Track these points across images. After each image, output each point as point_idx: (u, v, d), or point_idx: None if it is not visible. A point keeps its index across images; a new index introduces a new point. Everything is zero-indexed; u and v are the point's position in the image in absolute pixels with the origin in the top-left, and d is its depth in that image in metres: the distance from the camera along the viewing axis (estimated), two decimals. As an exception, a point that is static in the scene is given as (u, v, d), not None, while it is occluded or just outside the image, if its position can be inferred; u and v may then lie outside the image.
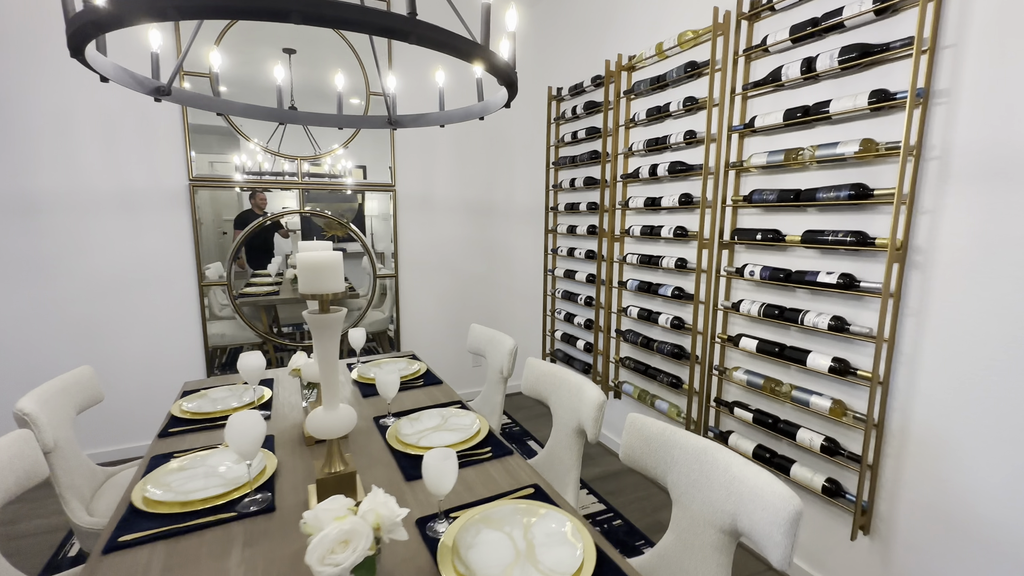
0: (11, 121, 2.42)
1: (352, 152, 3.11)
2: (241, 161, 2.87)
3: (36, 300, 2.57)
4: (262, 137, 2.90)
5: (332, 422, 1.11)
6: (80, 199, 2.57)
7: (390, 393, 1.55)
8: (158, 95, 1.33)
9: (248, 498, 1.19)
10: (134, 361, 2.78)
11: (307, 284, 1.09)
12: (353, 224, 3.20)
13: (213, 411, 1.68)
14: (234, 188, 2.88)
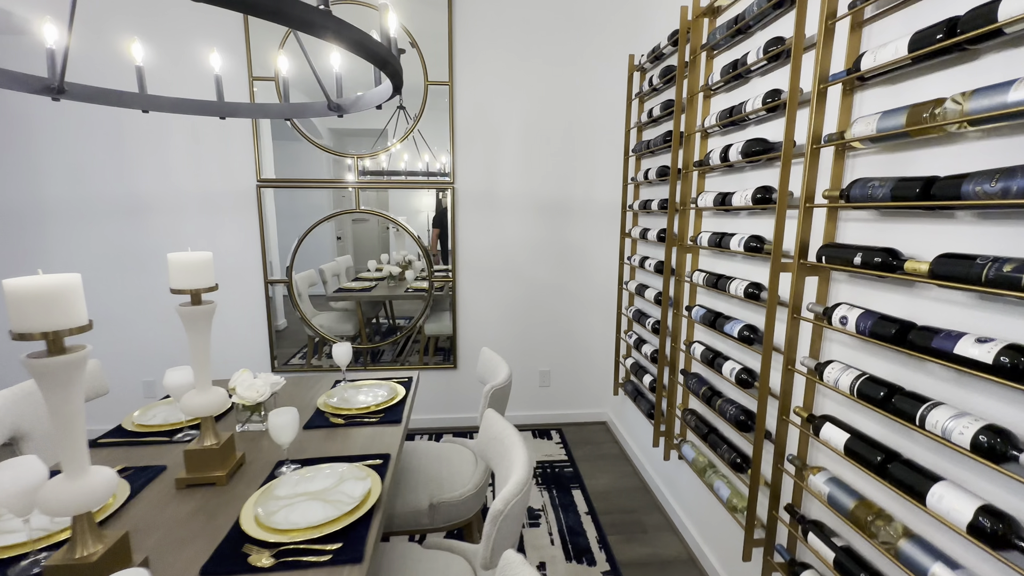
0: (122, 133, 2.78)
1: (407, 147, 2.93)
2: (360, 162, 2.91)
3: (141, 289, 2.96)
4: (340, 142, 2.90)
5: (205, 401, 1.25)
6: (172, 200, 2.86)
7: (281, 438, 1.27)
8: (54, 95, 1.25)
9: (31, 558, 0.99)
10: (212, 345, 3.04)
11: (179, 280, 1.23)
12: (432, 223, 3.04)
13: (162, 424, 1.62)
14: (309, 187, 2.94)
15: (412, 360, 3.18)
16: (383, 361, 3.18)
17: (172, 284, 1.16)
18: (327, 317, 3.27)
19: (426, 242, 3.07)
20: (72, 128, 2.78)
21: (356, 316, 3.34)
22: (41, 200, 2.83)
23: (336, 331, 3.16)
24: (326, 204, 2.99)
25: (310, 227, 2.96)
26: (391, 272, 3.33)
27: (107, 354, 3.01)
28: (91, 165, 2.80)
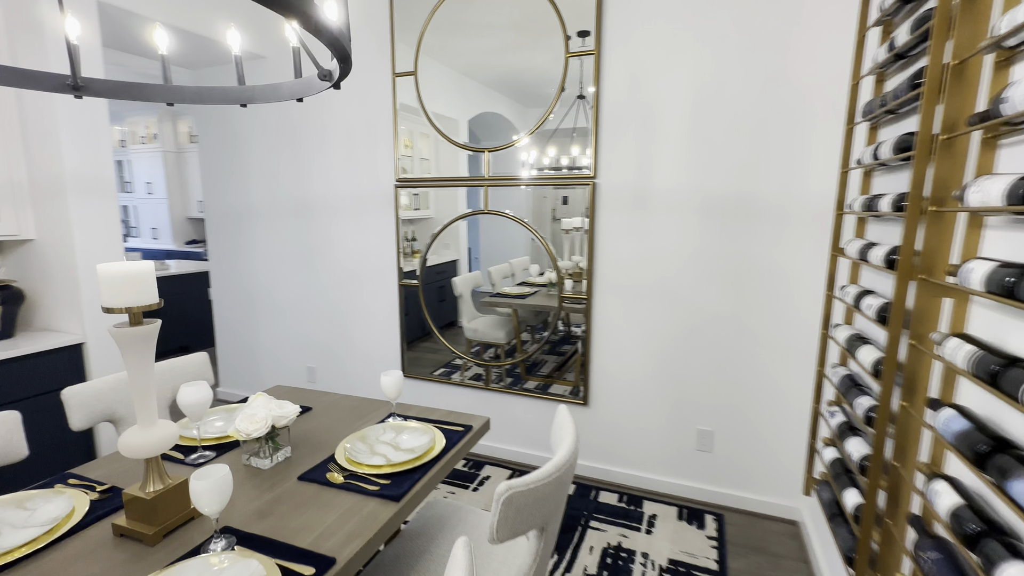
0: (298, 139, 3.04)
1: (538, 138, 2.45)
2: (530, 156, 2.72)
3: (304, 284, 3.22)
4: (458, 131, 2.66)
5: (147, 440, 1.07)
6: (331, 201, 3.02)
7: (203, 507, 0.98)
8: (74, 92, 1.20)
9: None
10: (354, 346, 3.13)
11: (113, 296, 1.00)
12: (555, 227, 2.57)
13: (204, 433, 1.55)
14: (439, 187, 2.78)
15: (560, 378, 2.72)
16: (538, 374, 2.79)
17: (104, 301, 0.98)
18: (484, 322, 3.06)
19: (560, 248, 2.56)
20: (265, 136, 3.16)
21: (511, 323, 3.05)
22: (247, 202, 3.31)
23: (489, 337, 2.90)
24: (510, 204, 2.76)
25: (440, 228, 2.76)
26: (551, 279, 2.93)
27: (280, 340, 3.38)
28: (279, 170, 3.14)
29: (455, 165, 2.69)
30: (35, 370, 2.11)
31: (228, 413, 1.70)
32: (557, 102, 2.37)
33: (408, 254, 2.92)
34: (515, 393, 2.73)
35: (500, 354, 2.84)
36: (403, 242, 2.86)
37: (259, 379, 3.52)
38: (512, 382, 2.76)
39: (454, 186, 2.71)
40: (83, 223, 2.22)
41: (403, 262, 2.89)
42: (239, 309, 3.51)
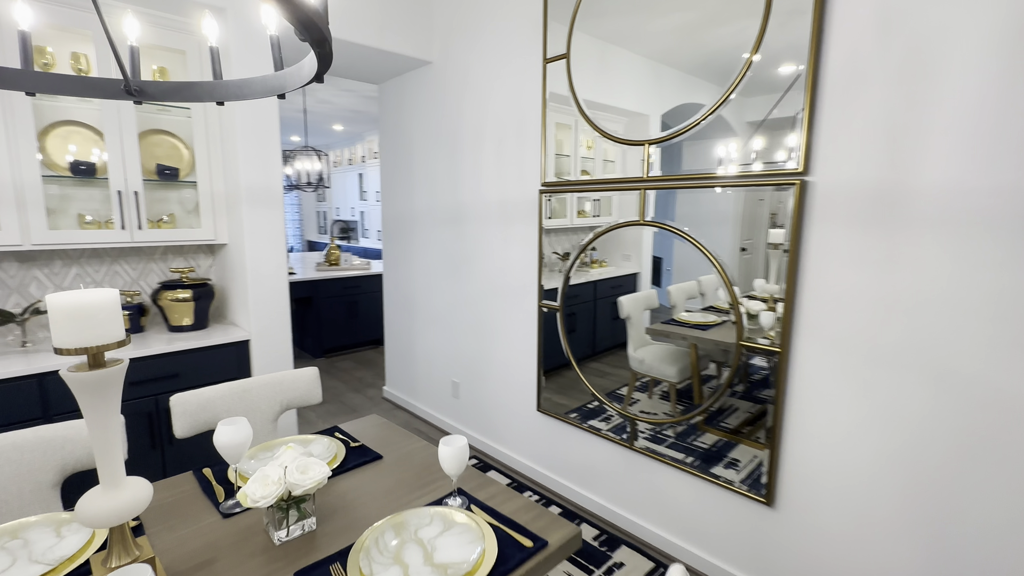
0: (456, 143, 2.90)
1: (746, 128, 1.74)
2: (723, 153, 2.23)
3: (454, 295, 3.08)
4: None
5: (112, 505, 0.88)
6: (480, 209, 2.80)
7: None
8: (134, 98, 1.12)
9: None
10: (494, 367, 2.85)
11: (68, 335, 0.81)
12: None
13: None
14: (587, 190, 2.30)
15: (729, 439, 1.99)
16: (719, 426, 2.12)
17: (55, 340, 0.80)
18: (652, 352, 2.49)
19: (734, 271, 1.81)
20: (429, 142, 3.11)
21: (689, 358, 2.41)
22: (412, 209, 3.34)
23: (657, 371, 2.31)
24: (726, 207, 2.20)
25: (588, 241, 2.26)
26: (748, 310, 2.20)
27: (432, 349, 3.32)
28: (438, 176, 3.07)
29: (640, 164, 2.15)
30: (214, 360, 2.36)
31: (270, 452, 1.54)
32: (746, 73, 1.64)
33: (587, 263, 2.48)
34: (665, 462, 2.07)
35: (671, 393, 2.19)
36: (551, 255, 2.45)
37: (415, 386, 3.55)
38: (682, 433, 2.10)
39: (607, 190, 2.18)
40: (253, 230, 2.40)
41: (550, 277, 2.48)
42: (402, 313, 3.59)
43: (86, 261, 2.42)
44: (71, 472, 1.40)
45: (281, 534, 1.09)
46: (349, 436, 1.60)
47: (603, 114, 2.14)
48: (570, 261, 2.35)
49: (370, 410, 3.63)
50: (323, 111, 6.84)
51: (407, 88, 3.24)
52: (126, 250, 2.52)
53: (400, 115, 3.35)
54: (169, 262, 2.65)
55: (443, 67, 2.93)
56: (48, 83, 1.06)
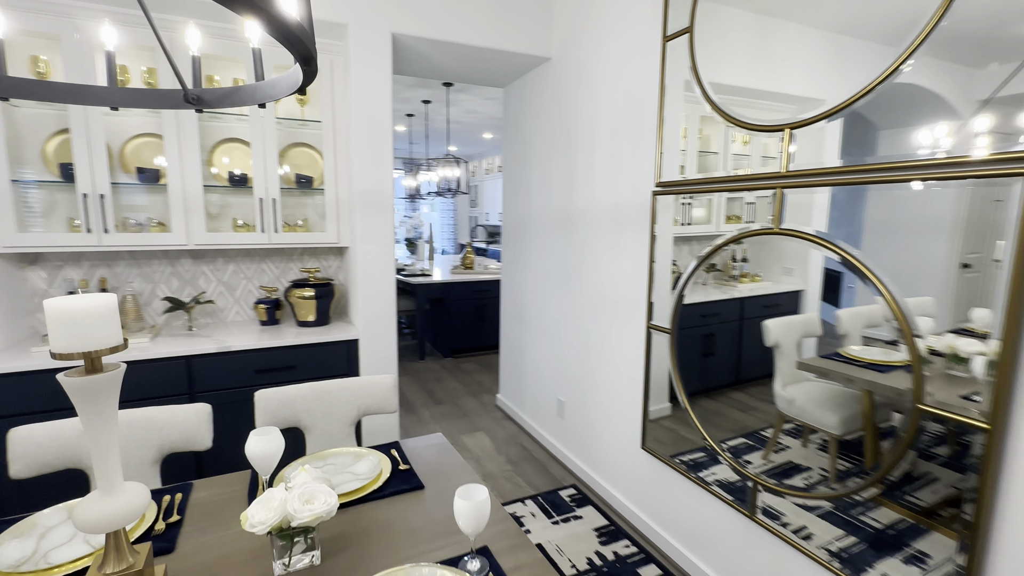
0: (571, 142, 2.69)
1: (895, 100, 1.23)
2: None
3: (562, 306, 2.85)
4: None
5: (109, 510, 0.87)
6: (591, 214, 2.54)
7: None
8: (196, 107, 1.16)
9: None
10: (598, 390, 2.56)
11: (64, 340, 0.81)
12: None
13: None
14: (711, 191, 1.90)
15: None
16: (900, 500, 1.61)
17: (53, 346, 0.82)
18: (807, 391, 2.00)
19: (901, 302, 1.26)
20: (545, 143, 2.95)
21: (860, 406, 1.87)
22: (528, 214, 3.21)
23: (811, 417, 1.83)
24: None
25: (710, 251, 1.86)
26: (955, 350, 1.62)
27: (541, 362, 3.14)
28: (552, 179, 2.89)
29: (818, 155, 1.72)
30: (326, 355, 2.51)
31: (302, 468, 1.48)
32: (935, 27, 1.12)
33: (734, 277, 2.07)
34: (802, 550, 1.57)
35: (830, 446, 1.68)
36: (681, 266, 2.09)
37: (523, 398, 3.41)
38: (844, 502, 1.60)
39: (725, 190, 1.75)
40: (364, 233, 2.50)
41: (691, 291, 2.12)
42: (515, 321, 3.48)
43: (241, 259, 2.78)
44: (168, 452, 1.54)
45: (279, 566, 1.01)
46: (402, 456, 1.50)
47: (761, 102, 1.71)
48: (683, 278, 1.96)
49: (482, 417, 3.60)
50: (472, 121, 7.16)
51: (527, 88, 3.12)
52: (271, 250, 2.84)
53: (521, 117, 3.24)
54: (305, 262, 2.93)
55: (561, 62, 2.73)
56: (125, 97, 1.14)
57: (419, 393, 4.06)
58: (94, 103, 1.11)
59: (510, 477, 2.76)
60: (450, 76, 3.18)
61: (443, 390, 4.13)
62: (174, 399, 2.23)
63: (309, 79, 0.88)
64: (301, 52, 0.74)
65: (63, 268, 2.45)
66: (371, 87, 2.42)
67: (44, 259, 2.42)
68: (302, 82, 0.92)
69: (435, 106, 6.18)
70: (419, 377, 4.45)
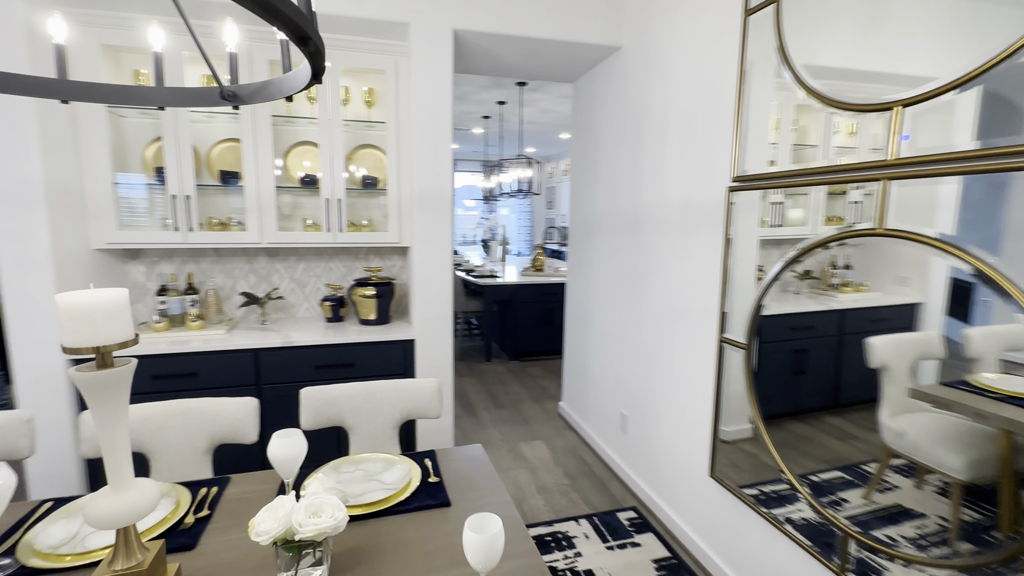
0: (640, 136, 2.49)
1: None
2: (807, 138, 1.55)
3: (626, 313, 2.65)
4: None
5: (119, 505, 0.86)
6: (659, 214, 2.33)
7: None
8: (233, 103, 1.16)
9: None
10: (662, 407, 2.33)
11: (74, 335, 0.81)
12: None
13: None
14: (799, 184, 1.64)
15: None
16: None
17: (64, 340, 0.82)
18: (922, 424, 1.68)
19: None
20: (614, 138, 2.77)
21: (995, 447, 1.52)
22: (595, 215, 3.04)
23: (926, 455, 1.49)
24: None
25: (795, 255, 1.60)
26: None
27: (604, 371, 2.96)
28: (619, 176, 2.70)
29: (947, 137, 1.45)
30: (383, 354, 2.53)
31: (337, 471, 1.43)
32: None
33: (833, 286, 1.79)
34: (904, 619, 1.28)
35: (952, 492, 1.38)
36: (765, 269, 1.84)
37: (586, 408, 3.24)
38: (974, 560, 1.30)
39: (816, 183, 1.49)
40: (422, 234, 2.49)
41: (779, 300, 1.88)
42: (579, 327, 3.32)
43: (311, 257, 2.90)
44: (218, 443, 1.59)
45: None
46: (435, 466, 1.42)
47: (872, 86, 1.43)
48: (762, 287, 1.70)
49: (542, 425, 3.47)
50: (548, 121, 7.06)
51: (596, 82, 2.95)
52: (338, 249, 2.92)
53: (589, 113, 3.08)
54: (370, 262, 2.98)
55: (631, 51, 2.54)
56: (169, 97, 1.16)
57: (481, 395, 4.02)
58: (141, 103, 1.15)
59: (566, 492, 2.61)
60: (517, 73, 3.09)
61: (506, 394, 4.06)
62: (242, 390, 2.34)
63: (313, 61, 0.82)
64: (293, 30, 0.68)
65: (158, 263, 2.69)
66: (431, 85, 2.39)
67: (143, 255, 2.66)
68: (311, 67, 0.87)
69: (511, 107, 6.16)
70: (483, 379, 4.42)
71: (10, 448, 1.43)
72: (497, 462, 2.92)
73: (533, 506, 2.48)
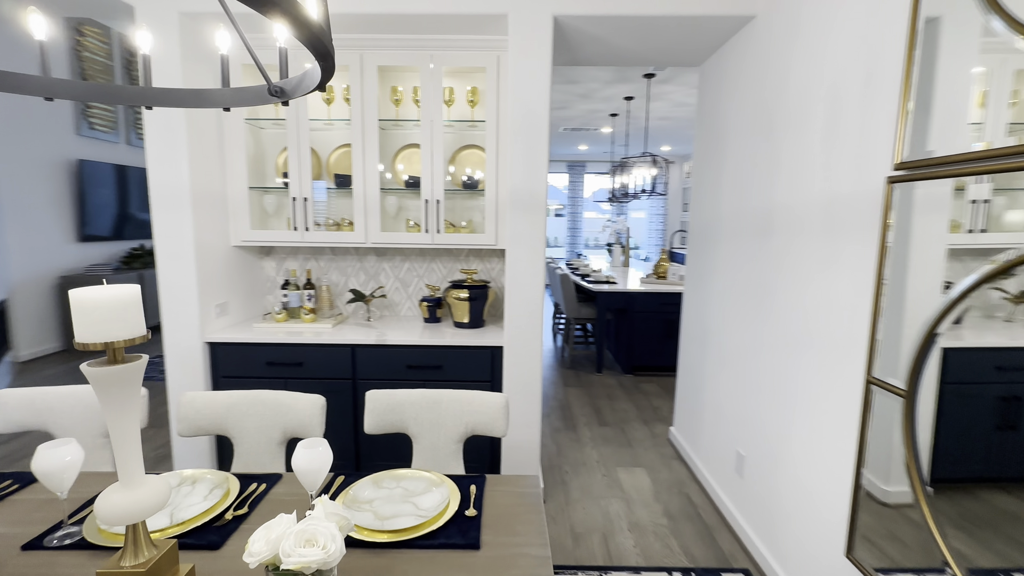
0: (774, 122, 2.06)
1: None
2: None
3: (749, 333, 2.21)
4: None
5: (130, 501, 0.86)
6: (795, 213, 1.88)
7: None
8: (281, 98, 1.15)
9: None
10: (789, 452, 1.87)
11: (89, 329, 0.82)
12: None
13: (383, 500, 1.24)
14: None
15: None
16: None
17: (78, 335, 0.83)
18: None
19: None
20: (743, 127, 2.34)
21: None
22: (718, 216, 2.63)
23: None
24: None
25: (986, 275, 1.12)
26: None
27: (719, 398, 2.53)
28: (749, 170, 2.28)
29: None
30: (470, 359, 2.45)
31: (378, 486, 1.31)
32: None
33: None
34: None
35: None
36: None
37: (698, 438, 2.82)
38: None
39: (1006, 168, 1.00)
40: (515, 236, 2.36)
41: (983, 328, 1.41)
42: (695, 345, 2.90)
43: (415, 258, 2.96)
44: (290, 436, 1.63)
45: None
46: (479, 497, 1.27)
47: None
48: (936, 312, 1.23)
49: (648, 450, 3.12)
50: (683, 115, 6.49)
51: (725, 62, 2.54)
52: (440, 250, 2.94)
53: (716, 99, 2.67)
54: (471, 263, 2.95)
55: (766, 21, 2.11)
56: (233, 97, 1.18)
57: (585, 409, 3.77)
58: (208, 105, 1.18)
59: (663, 536, 2.27)
60: (632, 59, 2.80)
61: (612, 410, 3.76)
62: (340, 382, 2.45)
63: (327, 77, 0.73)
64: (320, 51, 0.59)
65: (286, 260, 2.96)
66: (528, 78, 2.25)
67: (275, 252, 2.96)
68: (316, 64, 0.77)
69: (639, 102, 5.77)
70: (590, 391, 4.16)
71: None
72: (588, 486, 2.67)
73: (620, 545, 2.19)
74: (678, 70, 4.57)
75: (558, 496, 2.58)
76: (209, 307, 2.46)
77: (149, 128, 2.27)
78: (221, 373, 2.47)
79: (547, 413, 3.67)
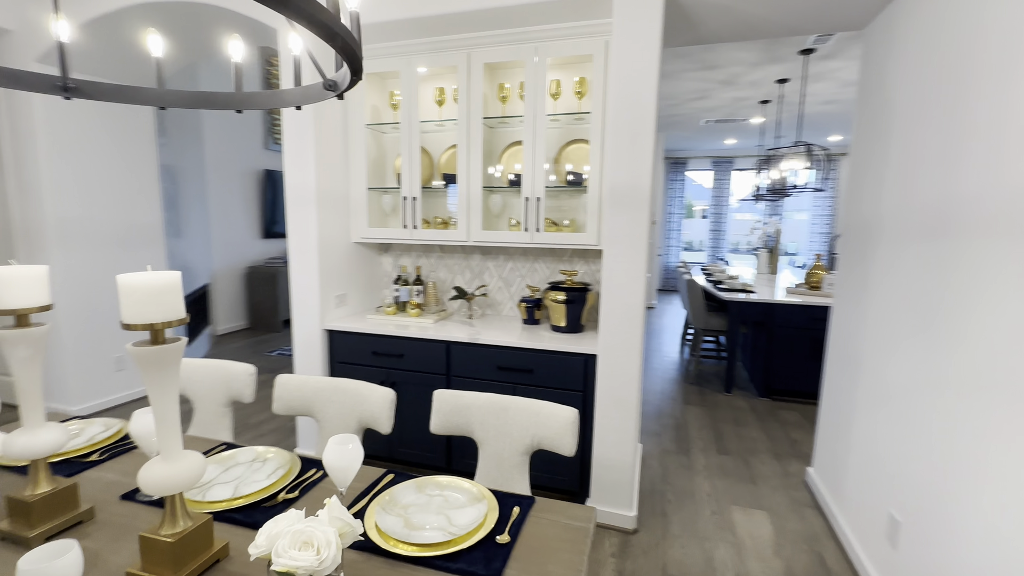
0: (960, 96, 1.57)
1: None
2: None
3: (920, 362, 1.71)
4: None
5: (170, 473, 0.92)
6: (992, 208, 1.39)
7: None
8: (335, 91, 1.16)
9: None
10: (973, 526, 1.39)
11: (135, 312, 0.88)
12: None
13: (422, 507, 1.19)
14: None
15: None
16: None
17: (124, 317, 0.90)
18: None
19: None
20: (919, 95, 1.83)
21: None
22: (877, 214, 2.10)
23: None
24: None
25: None
26: None
27: (875, 447, 2.01)
28: (921, 157, 1.77)
29: None
30: (561, 365, 2.32)
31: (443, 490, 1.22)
32: None
33: None
34: None
35: None
36: None
37: (841, 487, 2.29)
38: None
39: None
40: (612, 235, 2.16)
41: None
42: (842, 373, 2.37)
43: (518, 257, 2.91)
44: (365, 427, 1.68)
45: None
46: (519, 521, 1.14)
47: None
48: None
49: (775, 491, 2.64)
50: (850, 97, 5.46)
51: (892, 22, 2.01)
52: (543, 250, 2.84)
53: (883, 69, 2.14)
54: (574, 264, 2.80)
55: None
56: (294, 98, 1.22)
57: (704, 432, 3.35)
58: (267, 106, 1.24)
59: (778, 599, 1.88)
60: (771, 30, 2.39)
61: (738, 437, 3.28)
62: (435, 377, 2.50)
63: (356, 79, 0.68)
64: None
65: (400, 256, 3.14)
66: (633, 60, 2.03)
67: (392, 249, 3.15)
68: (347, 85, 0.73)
69: (795, 84, 4.99)
70: (714, 412, 3.70)
71: (236, 393, 1.82)
72: (691, 522, 2.34)
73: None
74: (845, 42, 3.82)
75: (654, 527, 2.30)
76: (329, 297, 2.70)
77: (286, 134, 2.55)
78: (337, 359, 2.69)
79: (658, 432, 3.34)
